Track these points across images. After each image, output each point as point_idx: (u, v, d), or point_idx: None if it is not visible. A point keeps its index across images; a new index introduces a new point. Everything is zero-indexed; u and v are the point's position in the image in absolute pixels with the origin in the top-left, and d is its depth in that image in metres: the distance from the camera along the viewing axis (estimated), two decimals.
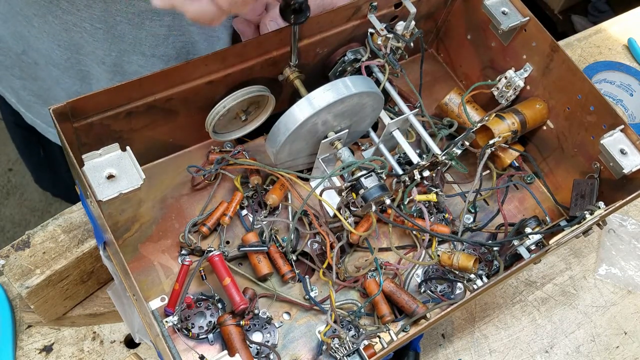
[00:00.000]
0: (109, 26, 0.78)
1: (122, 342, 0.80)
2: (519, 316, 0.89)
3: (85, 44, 0.80)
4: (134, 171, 0.63)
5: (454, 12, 0.91)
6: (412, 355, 0.80)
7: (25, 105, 0.95)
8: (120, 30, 0.79)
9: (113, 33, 0.79)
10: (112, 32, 0.79)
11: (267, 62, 0.74)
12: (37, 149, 1.14)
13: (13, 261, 0.73)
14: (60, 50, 0.82)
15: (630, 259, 0.95)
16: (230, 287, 0.70)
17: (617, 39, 1.20)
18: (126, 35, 0.79)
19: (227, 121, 0.77)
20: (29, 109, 0.95)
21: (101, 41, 0.80)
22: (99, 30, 0.78)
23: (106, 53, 0.81)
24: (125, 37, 0.80)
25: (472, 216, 0.85)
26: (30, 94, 0.92)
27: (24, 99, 0.94)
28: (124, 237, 0.75)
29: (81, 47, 0.81)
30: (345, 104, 0.69)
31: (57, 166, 1.14)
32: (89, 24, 0.78)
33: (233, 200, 0.77)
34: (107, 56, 0.82)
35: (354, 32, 0.79)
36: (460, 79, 0.97)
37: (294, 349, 0.74)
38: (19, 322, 0.79)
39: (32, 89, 0.91)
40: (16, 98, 0.95)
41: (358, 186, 0.69)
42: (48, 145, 1.05)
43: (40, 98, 0.92)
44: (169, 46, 0.83)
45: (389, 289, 0.76)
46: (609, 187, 0.79)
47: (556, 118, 0.84)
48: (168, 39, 0.82)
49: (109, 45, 0.80)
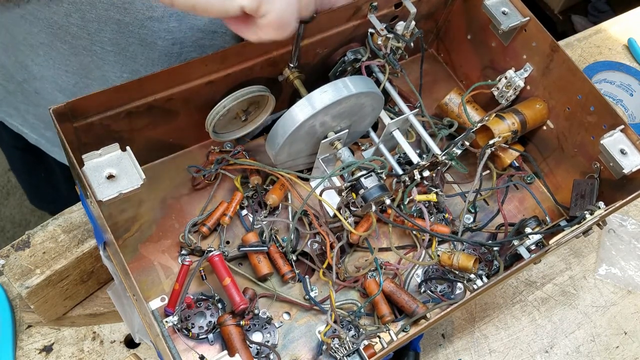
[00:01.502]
0: (120, 48, 0.77)
1: (122, 342, 0.80)
2: (519, 316, 0.89)
3: (94, 67, 0.80)
4: (134, 171, 0.63)
5: (454, 12, 0.91)
6: (412, 355, 0.80)
7: (30, 127, 0.95)
8: (132, 51, 0.78)
9: (125, 55, 0.78)
10: (123, 54, 0.78)
11: (267, 62, 0.74)
12: (37, 170, 1.13)
13: (13, 261, 0.73)
14: (67, 76, 0.81)
15: (630, 259, 0.95)
16: (230, 287, 0.70)
17: (617, 39, 1.20)
18: (138, 56, 0.79)
19: (227, 121, 0.77)
20: (33, 131, 0.95)
21: (112, 63, 0.79)
22: (110, 52, 0.77)
23: (117, 75, 0.81)
24: (137, 57, 0.79)
25: (472, 216, 0.85)
26: (34, 118, 0.92)
27: (29, 121, 0.94)
28: (124, 237, 0.75)
29: (90, 71, 0.80)
30: (345, 104, 0.69)
31: (58, 185, 1.14)
32: (99, 47, 0.77)
33: (233, 200, 0.77)
34: (119, 78, 0.81)
35: (354, 32, 0.79)
36: (460, 79, 0.97)
37: (294, 349, 0.74)
38: (19, 322, 0.79)
39: (35, 114, 0.91)
40: (21, 120, 0.94)
41: (358, 186, 0.69)
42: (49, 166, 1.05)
43: (44, 122, 0.92)
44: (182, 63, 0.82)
45: (389, 289, 0.76)
46: (609, 187, 0.79)
47: (556, 118, 0.84)
48: (180, 57, 0.81)
49: (120, 67, 0.80)
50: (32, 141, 0.97)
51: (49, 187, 1.18)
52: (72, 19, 0.73)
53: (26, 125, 0.95)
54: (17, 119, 0.95)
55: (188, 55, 0.82)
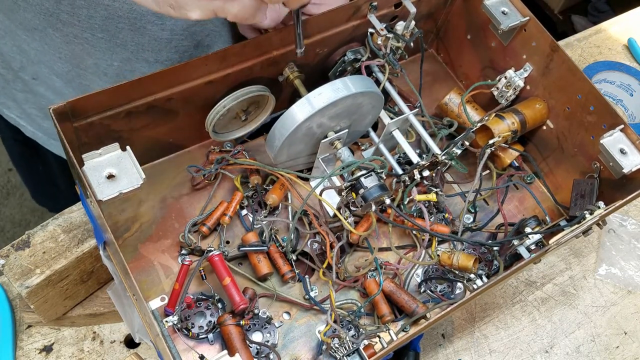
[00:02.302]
0: (110, 35, 0.78)
1: (122, 342, 0.80)
2: (519, 316, 0.89)
3: (86, 56, 0.80)
4: (134, 171, 0.63)
5: (454, 12, 0.91)
6: (412, 355, 0.80)
7: (28, 118, 0.95)
8: (122, 37, 0.78)
9: (115, 41, 0.78)
10: (114, 41, 0.78)
11: (267, 62, 0.74)
12: (36, 164, 1.13)
13: (13, 261, 0.73)
14: (61, 63, 0.81)
15: (630, 259, 0.95)
16: (230, 287, 0.70)
17: (617, 39, 1.20)
18: (128, 42, 0.79)
19: (227, 121, 0.77)
20: (31, 123, 0.95)
21: (103, 51, 0.79)
22: (101, 39, 0.78)
23: (108, 63, 0.81)
24: (128, 44, 0.79)
25: (472, 216, 0.85)
26: (32, 107, 0.92)
27: (26, 111, 0.94)
28: (124, 237, 0.75)
29: (82, 59, 0.80)
30: (345, 103, 0.69)
31: (56, 180, 1.13)
32: (90, 34, 0.77)
33: (233, 200, 0.77)
34: (110, 67, 0.81)
35: (354, 32, 0.79)
36: (460, 79, 0.97)
37: (294, 349, 0.74)
38: (19, 322, 0.79)
39: (34, 102, 0.91)
40: (19, 111, 0.94)
41: (358, 186, 0.69)
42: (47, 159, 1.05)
43: (42, 111, 0.92)
44: (171, 50, 0.82)
45: (389, 289, 0.76)
46: (608, 187, 0.79)
47: (556, 118, 0.84)
48: (171, 43, 0.82)
49: (110, 55, 0.80)
50: (28, 134, 0.97)
51: (47, 182, 1.18)
52: (62, 5, 0.74)
53: (24, 116, 0.95)
54: (14, 111, 0.95)
55: (179, 42, 0.82)
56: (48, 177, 1.15)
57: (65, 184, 1.10)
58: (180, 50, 0.83)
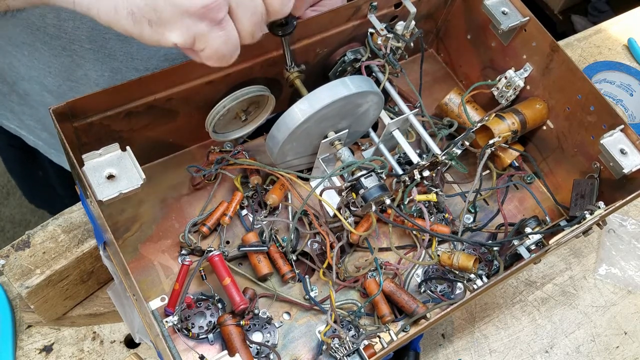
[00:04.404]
0: (98, 45, 0.77)
1: (122, 342, 0.80)
2: (519, 316, 0.89)
3: (76, 67, 0.79)
4: (134, 171, 0.63)
5: (454, 12, 0.91)
6: (412, 355, 0.80)
7: (27, 129, 0.95)
8: (111, 47, 0.78)
9: (104, 52, 0.78)
10: (102, 51, 0.78)
11: (267, 62, 0.74)
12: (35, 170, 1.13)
13: (13, 261, 0.73)
14: (52, 77, 0.81)
15: (630, 259, 0.95)
16: (230, 287, 0.70)
17: (617, 39, 1.20)
18: (117, 52, 0.78)
19: (227, 121, 0.77)
20: (31, 132, 0.95)
21: (92, 61, 0.79)
22: (89, 50, 0.77)
23: (99, 74, 0.80)
24: (117, 54, 0.79)
25: (472, 216, 0.85)
26: (30, 119, 0.92)
27: (25, 122, 0.93)
28: (124, 237, 0.75)
29: (72, 72, 0.80)
30: (345, 103, 0.69)
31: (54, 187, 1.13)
32: (78, 46, 0.76)
33: (233, 200, 0.77)
34: (100, 77, 0.81)
35: (354, 32, 0.79)
36: (460, 79, 0.97)
37: (294, 349, 0.74)
38: (19, 322, 0.79)
39: (30, 114, 0.91)
40: (18, 122, 0.94)
41: (358, 186, 0.69)
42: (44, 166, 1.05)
43: (39, 123, 0.92)
44: (160, 58, 0.82)
45: (389, 289, 0.76)
46: (609, 187, 0.79)
47: (556, 118, 0.84)
48: (159, 51, 0.81)
49: (100, 65, 0.79)
50: (30, 143, 0.97)
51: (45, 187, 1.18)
52: (48, 19, 0.73)
53: (23, 127, 0.95)
54: (14, 122, 0.94)
55: (168, 50, 0.81)
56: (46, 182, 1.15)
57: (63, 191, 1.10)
58: (170, 58, 0.82)
